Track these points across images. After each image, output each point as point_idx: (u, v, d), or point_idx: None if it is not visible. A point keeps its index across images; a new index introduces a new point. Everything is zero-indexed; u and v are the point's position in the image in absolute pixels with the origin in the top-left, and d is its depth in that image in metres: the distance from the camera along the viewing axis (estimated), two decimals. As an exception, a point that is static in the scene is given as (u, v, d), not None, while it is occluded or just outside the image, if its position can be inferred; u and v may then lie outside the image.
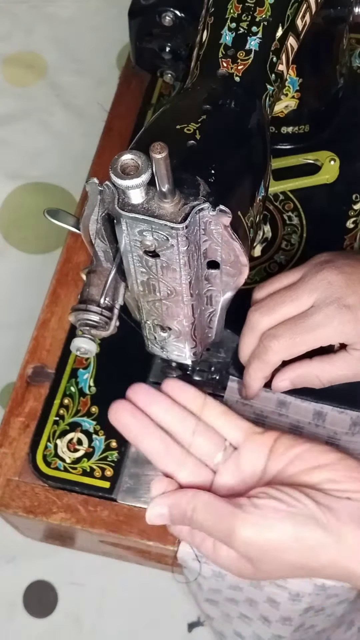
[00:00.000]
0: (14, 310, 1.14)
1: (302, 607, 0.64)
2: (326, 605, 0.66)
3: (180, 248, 0.50)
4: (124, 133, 0.87)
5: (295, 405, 0.68)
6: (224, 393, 0.69)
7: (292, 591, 0.63)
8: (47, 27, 1.38)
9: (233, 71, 0.57)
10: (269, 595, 0.64)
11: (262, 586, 0.64)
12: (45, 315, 0.77)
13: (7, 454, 0.72)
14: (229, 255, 0.53)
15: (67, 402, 0.72)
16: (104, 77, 1.30)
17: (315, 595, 0.63)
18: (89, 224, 0.54)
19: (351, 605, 0.69)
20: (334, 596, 0.64)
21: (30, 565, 1.00)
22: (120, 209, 0.49)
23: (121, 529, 0.68)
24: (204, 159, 0.52)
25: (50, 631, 0.98)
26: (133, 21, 0.71)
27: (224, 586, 0.66)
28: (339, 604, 0.66)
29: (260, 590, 0.64)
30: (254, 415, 0.68)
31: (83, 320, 0.56)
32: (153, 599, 0.98)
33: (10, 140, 1.28)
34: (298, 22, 0.60)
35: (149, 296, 0.57)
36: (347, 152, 0.80)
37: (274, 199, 0.79)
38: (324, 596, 0.63)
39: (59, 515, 0.69)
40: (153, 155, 0.45)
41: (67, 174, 1.23)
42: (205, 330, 0.61)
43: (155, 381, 0.71)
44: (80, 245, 0.80)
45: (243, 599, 0.67)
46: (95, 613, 0.99)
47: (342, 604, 0.67)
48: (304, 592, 0.63)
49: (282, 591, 0.63)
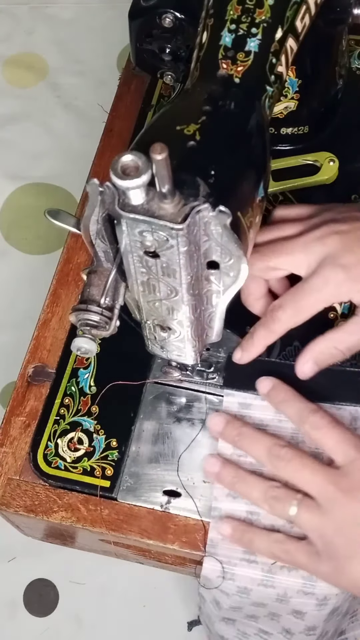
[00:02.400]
0: (14, 310, 1.14)
1: (327, 612, 0.64)
2: (340, 604, 0.66)
3: (180, 248, 0.50)
4: (124, 134, 0.87)
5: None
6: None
7: (320, 596, 0.63)
8: (48, 28, 1.38)
9: (233, 72, 0.57)
10: (295, 607, 0.64)
11: (288, 598, 0.63)
12: (46, 315, 0.78)
13: (8, 453, 0.72)
14: (229, 255, 0.53)
15: (68, 402, 0.72)
16: (104, 78, 1.30)
17: (341, 594, 0.63)
18: (89, 224, 0.54)
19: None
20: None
21: (31, 564, 1.00)
22: (121, 210, 0.49)
23: (121, 527, 0.68)
24: (204, 159, 0.52)
25: (51, 629, 0.99)
26: (133, 22, 0.72)
27: (247, 603, 0.66)
28: (353, 599, 0.66)
29: (286, 604, 0.64)
30: (254, 424, 0.68)
31: (83, 320, 0.56)
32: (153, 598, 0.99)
33: (11, 141, 1.28)
34: (297, 23, 0.60)
35: (149, 296, 0.57)
36: (346, 152, 0.80)
37: (273, 199, 0.79)
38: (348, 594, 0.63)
39: (60, 514, 0.69)
40: (153, 156, 0.45)
41: (68, 174, 1.23)
42: (205, 330, 0.62)
43: (155, 381, 0.72)
44: (81, 245, 0.80)
45: (265, 614, 0.67)
46: (95, 611, 0.99)
47: (358, 600, 0.67)
48: (330, 594, 0.63)
49: (309, 599, 0.63)
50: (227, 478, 0.65)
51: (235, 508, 0.65)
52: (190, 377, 0.70)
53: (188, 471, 0.68)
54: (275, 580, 0.63)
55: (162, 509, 0.68)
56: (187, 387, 0.71)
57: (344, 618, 0.72)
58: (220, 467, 0.65)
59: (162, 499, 0.68)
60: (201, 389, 0.71)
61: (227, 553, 0.65)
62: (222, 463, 0.65)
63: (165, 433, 0.70)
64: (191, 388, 0.71)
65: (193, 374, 0.70)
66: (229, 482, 0.65)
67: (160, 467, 0.69)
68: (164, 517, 0.68)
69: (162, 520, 0.68)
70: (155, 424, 0.70)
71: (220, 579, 0.64)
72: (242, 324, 0.72)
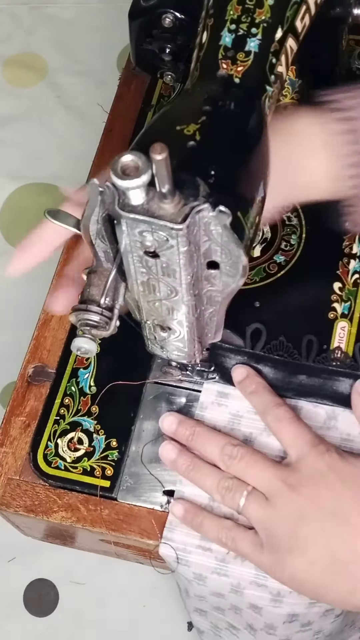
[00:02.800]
0: (14, 310, 1.14)
1: (284, 612, 0.64)
2: (312, 619, 0.66)
3: (180, 248, 0.50)
4: (124, 134, 0.87)
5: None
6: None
7: (273, 590, 0.63)
8: (48, 28, 1.38)
9: (233, 72, 0.57)
10: (251, 600, 0.65)
11: (242, 589, 0.64)
12: (46, 315, 0.78)
13: (7, 453, 0.72)
14: (229, 255, 0.53)
15: (68, 402, 0.72)
16: (104, 78, 1.30)
17: (296, 595, 0.63)
18: (89, 224, 0.54)
19: (342, 623, 0.69)
20: (316, 602, 0.64)
21: (31, 564, 1.00)
22: (121, 210, 0.49)
23: (121, 527, 0.68)
24: (204, 159, 0.52)
25: (51, 630, 0.98)
26: (133, 23, 0.72)
27: (207, 592, 0.67)
28: (325, 616, 0.66)
29: (242, 596, 0.65)
30: (230, 415, 0.69)
31: (83, 320, 0.56)
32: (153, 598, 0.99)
33: (10, 141, 1.28)
34: (297, 23, 0.60)
35: (149, 296, 0.57)
36: (347, 153, 0.80)
37: (273, 199, 0.79)
38: (307, 600, 0.64)
39: (60, 514, 0.69)
40: (153, 156, 0.45)
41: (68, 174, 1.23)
42: (205, 330, 0.62)
43: (155, 381, 0.72)
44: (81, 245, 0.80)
45: (228, 607, 0.68)
46: (95, 612, 0.99)
47: (328, 618, 0.67)
48: (284, 591, 0.63)
49: (263, 592, 0.64)
50: (182, 466, 0.66)
51: (197, 493, 0.66)
52: (190, 377, 0.71)
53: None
54: (229, 569, 0.64)
55: (162, 509, 0.68)
56: (187, 387, 0.71)
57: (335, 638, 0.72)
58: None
59: (162, 499, 0.68)
60: (201, 389, 0.71)
61: (184, 539, 0.66)
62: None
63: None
64: (191, 388, 0.71)
65: (193, 374, 0.70)
66: (184, 470, 0.66)
67: (160, 467, 0.69)
68: (164, 517, 0.68)
69: (162, 520, 0.68)
70: (155, 424, 0.70)
71: (176, 563, 0.65)
72: (242, 325, 0.72)
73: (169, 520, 0.67)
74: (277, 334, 0.72)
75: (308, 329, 0.72)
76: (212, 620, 0.73)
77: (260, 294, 0.74)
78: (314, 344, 0.71)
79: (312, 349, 0.71)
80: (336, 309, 0.73)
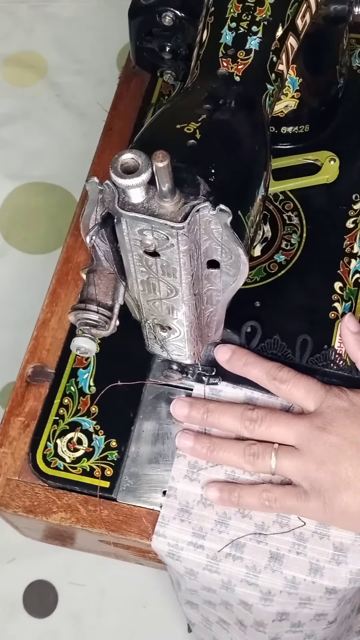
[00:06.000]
0: (14, 310, 1.14)
1: (274, 610, 0.64)
2: (303, 620, 0.66)
3: (180, 247, 0.50)
4: (124, 133, 0.87)
5: (263, 400, 0.68)
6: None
7: (263, 589, 0.63)
8: (48, 27, 1.38)
9: (233, 71, 0.57)
10: (241, 597, 0.64)
11: (233, 587, 0.64)
12: (45, 315, 0.77)
13: (7, 453, 0.72)
14: (229, 254, 0.53)
15: (67, 402, 0.72)
16: (104, 76, 1.30)
17: (287, 595, 0.63)
18: (88, 222, 0.54)
19: (338, 629, 0.69)
20: (306, 603, 0.64)
21: (30, 565, 1.00)
22: (121, 208, 0.49)
23: (121, 528, 0.68)
24: (204, 158, 0.52)
25: (50, 631, 0.98)
26: (133, 21, 0.71)
27: (198, 586, 0.67)
28: (316, 620, 0.66)
29: (232, 593, 0.64)
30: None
31: (83, 319, 0.56)
32: (153, 599, 0.99)
33: (10, 140, 1.28)
34: (298, 21, 0.60)
35: (149, 295, 0.57)
36: (347, 152, 0.80)
37: (274, 198, 0.79)
38: (297, 600, 0.63)
39: (59, 515, 0.69)
40: (155, 163, 0.45)
41: (68, 173, 1.23)
42: (205, 330, 0.62)
43: (155, 381, 0.71)
44: (80, 244, 0.80)
45: (219, 602, 0.68)
46: (95, 613, 0.99)
47: (320, 624, 0.66)
48: (274, 590, 0.63)
49: (253, 590, 0.63)
50: (202, 449, 0.66)
51: (190, 490, 0.66)
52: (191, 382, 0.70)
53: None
54: (220, 567, 0.64)
55: (162, 509, 0.68)
56: (187, 387, 0.71)
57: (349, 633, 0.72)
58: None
59: (162, 500, 0.68)
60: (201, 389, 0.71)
61: (176, 535, 0.65)
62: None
63: (165, 433, 0.70)
64: (191, 388, 0.71)
65: (193, 378, 0.70)
66: (205, 452, 0.66)
67: (160, 467, 0.69)
68: (163, 518, 0.67)
69: (162, 521, 0.67)
70: (155, 424, 0.70)
71: (167, 557, 0.65)
72: (242, 325, 0.72)
73: (161, 515, 0.66)
74: (272, 332, 0.71)
75: (307, 328, 0.72)
76: (203, 614, 0.73)
77: (261, 293, 0.74)
78: (308, 344, 0.71)
79: (307, 348, 0.71)
80: (337, 308, 0.73)
